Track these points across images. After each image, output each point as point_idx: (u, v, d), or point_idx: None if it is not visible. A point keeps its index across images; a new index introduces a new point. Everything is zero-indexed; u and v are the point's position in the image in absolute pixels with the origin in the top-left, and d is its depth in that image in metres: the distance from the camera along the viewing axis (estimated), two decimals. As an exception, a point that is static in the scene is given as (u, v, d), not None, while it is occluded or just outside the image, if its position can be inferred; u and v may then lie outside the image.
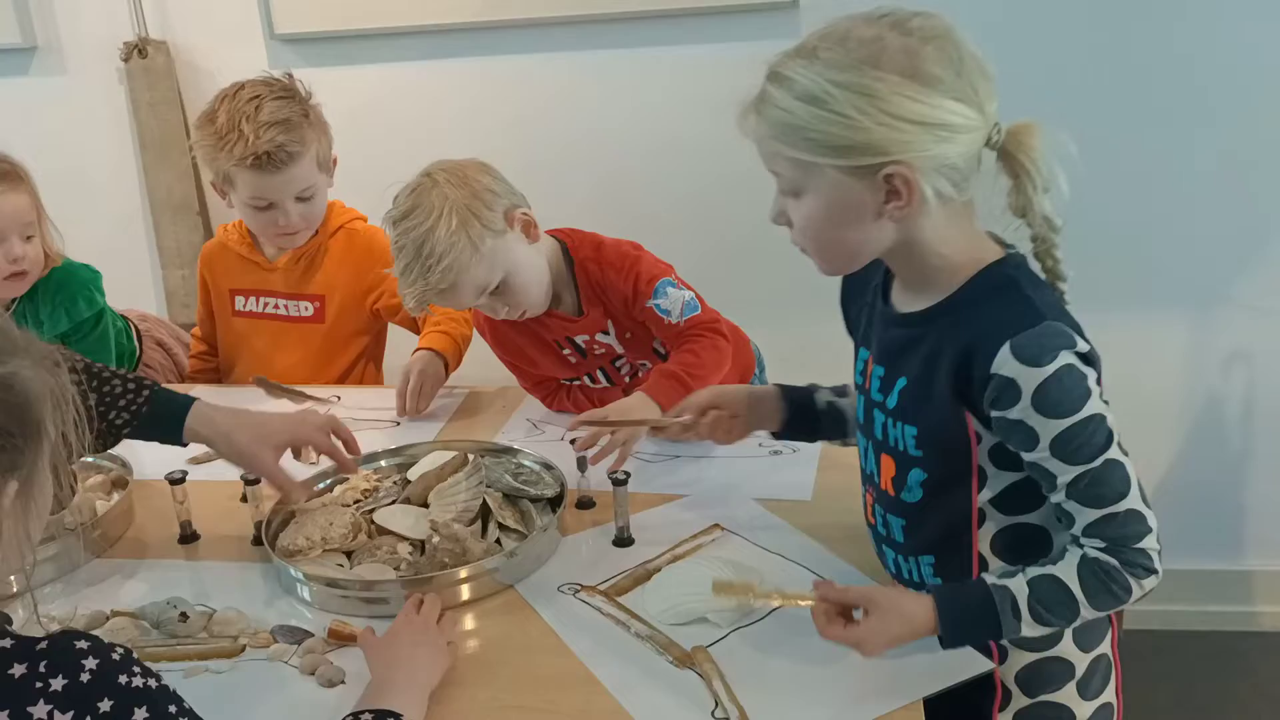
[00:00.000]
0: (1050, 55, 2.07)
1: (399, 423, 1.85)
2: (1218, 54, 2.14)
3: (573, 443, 1.51)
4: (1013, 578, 1.10)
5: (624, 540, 1.43)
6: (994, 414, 1.07)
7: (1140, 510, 1.07)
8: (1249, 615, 2.49)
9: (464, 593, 1.33)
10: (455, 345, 1.94)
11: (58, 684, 0.79)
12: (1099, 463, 1.06)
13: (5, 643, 0.82)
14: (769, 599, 1.22)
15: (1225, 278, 2.28)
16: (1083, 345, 1.05)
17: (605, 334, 1.75)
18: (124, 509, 1.56)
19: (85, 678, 0.80)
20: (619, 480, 1.41)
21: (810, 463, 1.60)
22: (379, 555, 1.41)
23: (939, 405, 1.11)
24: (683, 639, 1.23)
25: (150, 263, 2.66)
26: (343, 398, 1.96)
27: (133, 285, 2.58)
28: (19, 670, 0.80)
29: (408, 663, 1.11)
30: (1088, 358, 1.05)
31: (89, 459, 1.62)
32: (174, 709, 0.85)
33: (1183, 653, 2.40)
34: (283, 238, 2.03)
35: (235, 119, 1.89)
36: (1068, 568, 1.09)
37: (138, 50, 2.45)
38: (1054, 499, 1.09)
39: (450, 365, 1.91)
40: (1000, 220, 1.11)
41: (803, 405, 1.41)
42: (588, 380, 1.83)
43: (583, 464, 1.51)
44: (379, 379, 2.18)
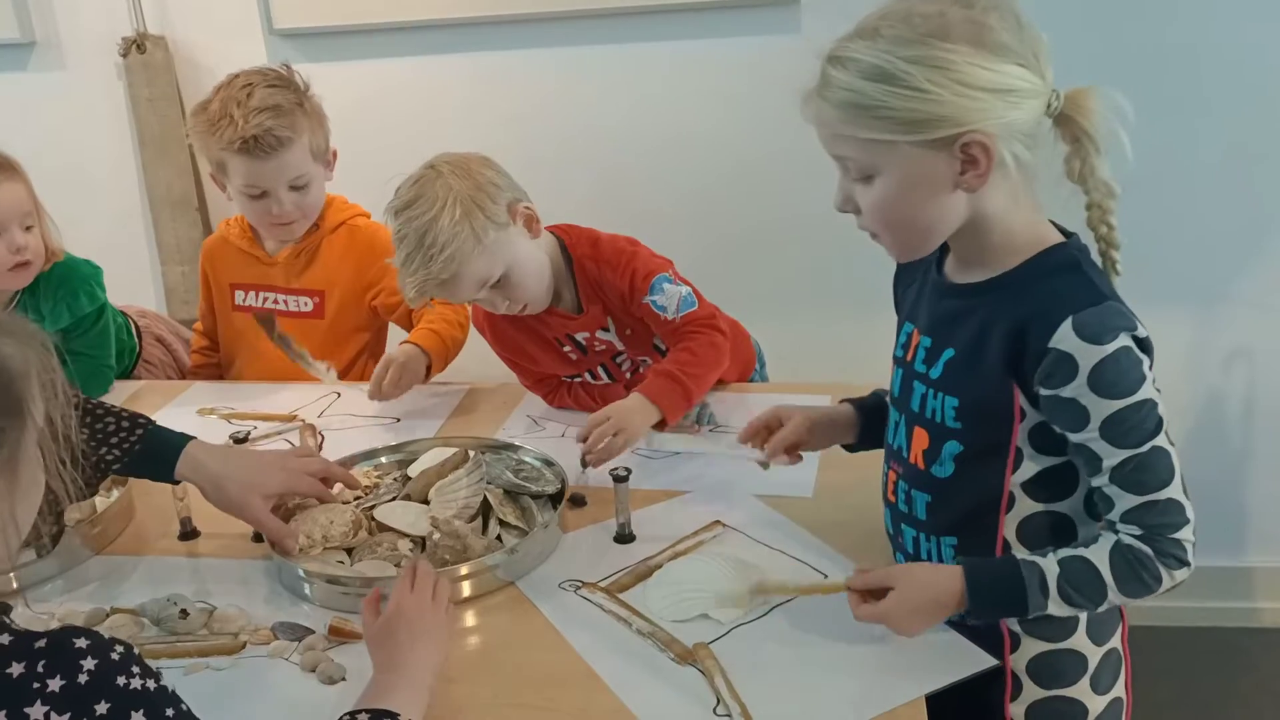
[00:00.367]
0: (1052, 51, 2.07)
1: (399, 419, 1.84)
2: (1220, 49, 2.14)
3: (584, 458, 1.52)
4: (1043, 556, 1.10)
5: (625, 537, 1.43)
6: (1045, 392, 1.07)
7: (1180, 500, 1.08)
8: (1250, 611, 2.49)
9: (465, 589, 1.33)
10: (443, 345, 1.92)
11: (55, 684, 0.79)
12: (1146, 448, 1.06)
13: (4, 639, 0.81)
14: (804, 593, 1.21)
15: (1226, 275, 2.28)
16: (1141, 330, 1.06)
17: (605, 331, 1.75)
18: (124, 505, 1.55)
19: (83, 679, 0.80)
20: (620, 477, 1.41)
21: (811, 460, 1.59)
22: (380, 552, 1.41)
23: (986, 377, 1.11)
24: (684, 636, 1.23)
25: (150, 259, 2.65)
26: (343, 394, 1.95)
27: (132, 281, 2.58)
28: (16, 669, 0.79)
29: (407, 660, 1.10)
30: (1144, 344, 1.06)
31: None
32: (171, 712, 0.84)
33: (1184, 649, 2.40)
34: (279, 228, 2.02)
35: (227, 105, 1.90)
36: (1100, 551, 1.09)
37: (136, 46, 2.45)
38: (1095, 482, 1.10)
39: (434, 365, 1.89)
40: (1054, 196, 1.11)
41: (879, 411, 1.36)
42: (589, 377, 1.82)
43: (584, 463, 1.51)
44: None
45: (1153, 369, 1.07)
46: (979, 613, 1.13)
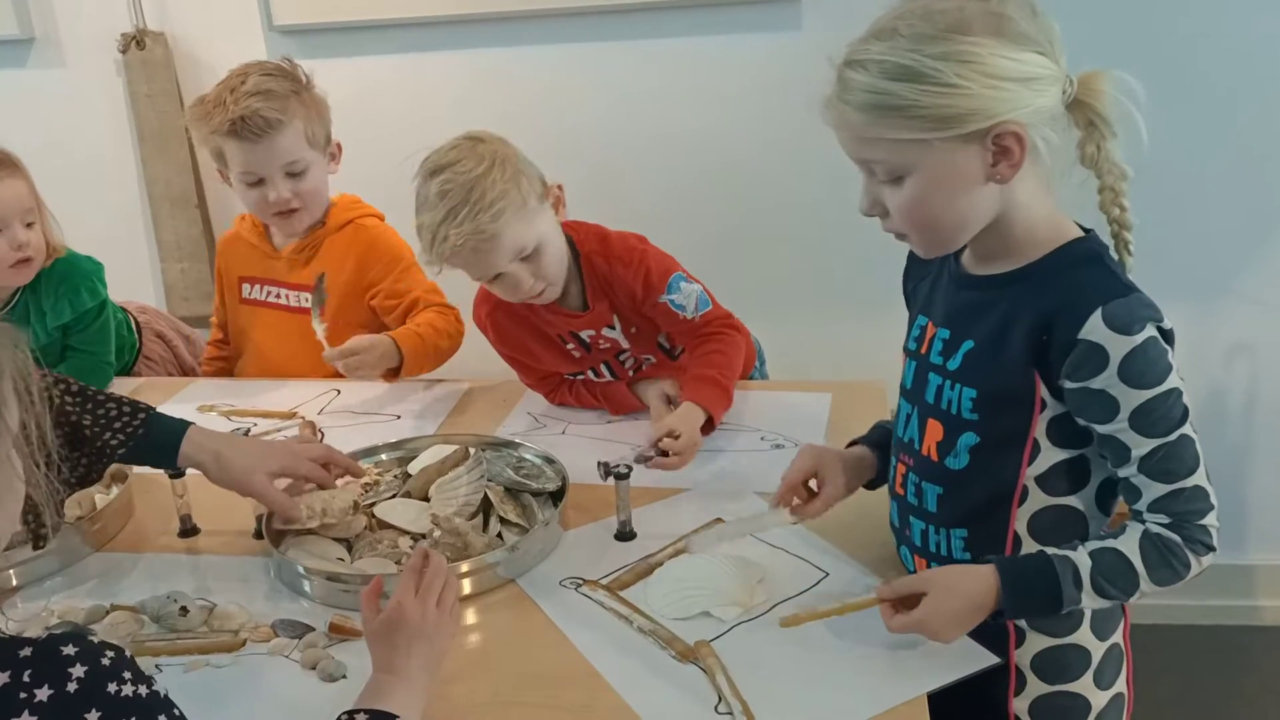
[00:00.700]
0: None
1: (399, 416, 1.84)
2: (1225, 44, 2.13)
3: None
4: (1073, 550, 1.10)
5: (626, 534, 1.43)
6: (1072, 384, 1.07)
7: (1205, 487, 1.09)
8: (1251, 609, 2.49)
9: (465, 587, 1.33)
10: (421, 348, 1.89)
11: (43, 694, 0.76)
12: (1174, 437, 1.07)
13: None
14: (835, 613, 1.19)
15: (1228, 271, 2.28)
16: (1166, 322, 1.07)
17: (611, 328, 1.74)
18: (124, 502, 1.55)
19: (72, 687, 0.77)
20: (621, 474, 1.41)
21: (812, 456, 1.60)
22: (380, 549, 1.41)
23: (1008, 369, 1.11)
24: (686, 633, 1.23)
25: (149, 256, 2.65)
26: (343, 391, 1.95)
27: (132, 278, 2.57)
28: (1, 679, 0.76)
29: (406, 662, 1.09)
30: (1169, 335, 1.07)
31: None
32: (164, 718, 0.82)
33: (1186, 647, 2.40)
34: (281, 219, 2.01)
35: (221, 92, 1.92)
36: (1130, 541, 1.09)
37: (136, 42, 2.44)
38: (1122, 473, 1.10)
39: (406, 363, 1.88)
40: (1061, 187, 1.11)
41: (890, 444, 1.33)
42: (591, 374, 1.82)
43: (643, 459, 1.52)
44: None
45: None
46: (1015, 610, 1.12)
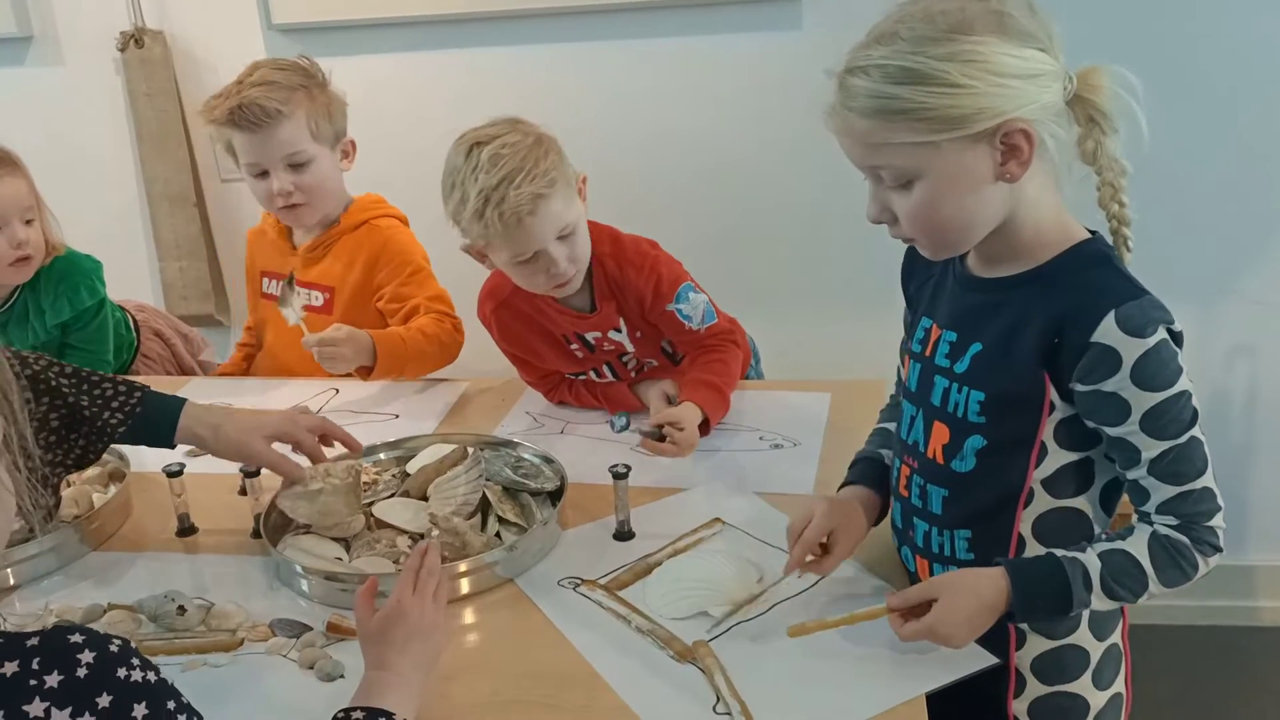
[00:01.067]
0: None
1: (397, 415, 1.84)
2: (1227, 45, 2.13)
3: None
4: (1082, 551, 1.10)
5: (624, 534, 1.42)
6: (1084, 387, 1.07)
7: (1213, 488, 1.09)
8: (1251, 610, 2.49)
9: (463, 586, 1.33)
10: (399, 349, 1.86)
11: (53, 680, 0.77)
12: (1184, 439, 1.07)
13: None
14: (845, 623, 1.18)
15: (1229, 272, 2.28)
16: (1176, 324, 1.07)
17: (617, 331, 1.74)
18: (121, 502, 1.55)
19: (82, 672, 0.78)
20: (620, 474, 1.41)
21: (811, 457, 1.59)
22: (378, 549, 1.41)
23: (1017, 372, 1.11)
24: (684, 633, 1.22)
25: (148, 254, 2.65)
26: (341, 390, 1.95)
27: (130, 277, 2.57)
28: (10, 668, 0.77)
29: (400, 660, 1.09)
30: (1178, 338, 1.07)
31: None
32: (173, 705, 0.83)
33: (1185, 647, 2.40)
34: (285, 213, 1.99)
35: (230, 85, 1.92)
36: (1138, 543, 1.09)
37: (134, 40, 2.44)
38: (1131, 475, 1.10)
39: (380, 363, 1.84)
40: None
41: (885, 478, 1.32)
42: (593, 375, 1.81)
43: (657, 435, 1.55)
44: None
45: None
46: (1025, 612, 1.12)
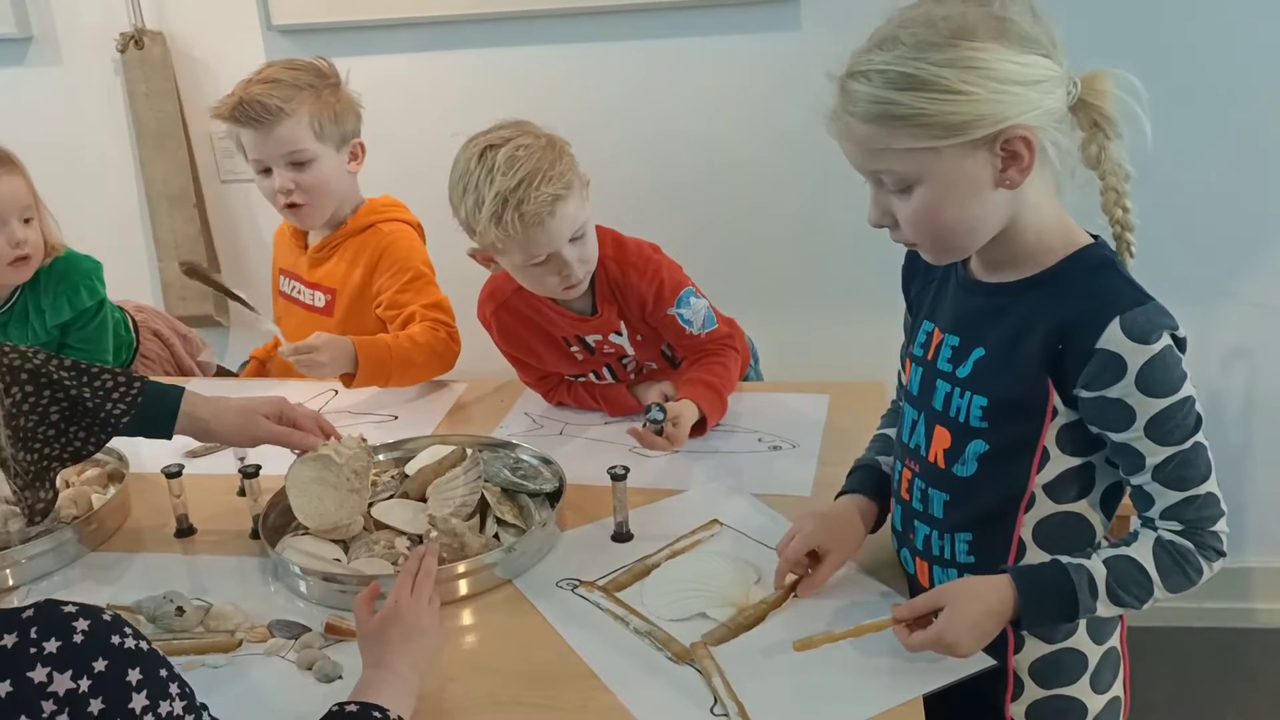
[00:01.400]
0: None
1: (396, 417, 1.84)
2: (1225, 49, 2.13)
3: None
4: (1087, 558, 1.10)
5: (623, 535, 1.43)
6: (1088, 393, 1.07)
7: (1216, 493, 1.09)
8: (1247, 612, 2.49)
9: (462, 588, 1.33)
10: (383, 356, 1.83)
11: (52, 646, 0.79)
12: (1188, 445, 1.07)
13: None
14: (851, 635, 1.18)
15: (1226, 274, 2.28)
16: (1180, 330, 1.07)
17: (618, 334, 1.74)
18: (120, 502, 1.55)
19: (79, 639, 0.80)
20: (618, 475, 1.41)
21: (810, 458, 1.60)
22: (376, 550, 1.41)
23: (1021, 377, 1.11)
24: (682, 635, 1.23)
25: (147, 255, 2.65)
26: (340, 391, 1.95)
27: (129, 278, 2.57)
28: (10, 640, 0.79)
29: (397, 660, 1.10)
30: (1182, 344, 1.07)
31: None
32: (165, 673, 0.85)
33: (1181, 649, 2.41)
34: (288, 211, 1.98)
35: (240, 82, 1.91)
36: (1143, 549, 1.09)
37: (134, 41, 2.44)
38: (1135, 481, 1.10)
39: (361, 371, 1.82)
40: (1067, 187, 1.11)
41: (883, 486, 1.32)
42: (593, 377, 1.82)
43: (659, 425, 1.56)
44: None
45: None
46: (1032, 619, 1.12)
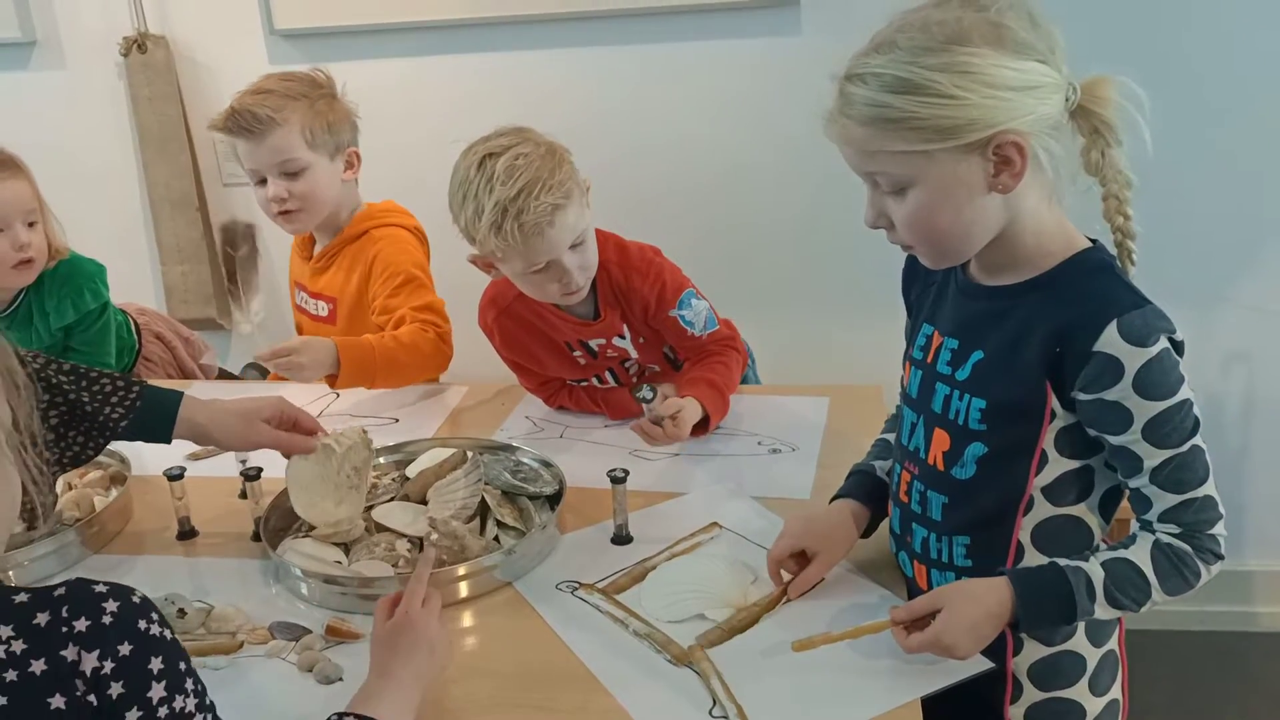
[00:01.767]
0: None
1: (397, 420, 1.85)
2: (1220, 54, 2.14)
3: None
4: (1085, 561, 1.10)
5: (622, 538, 1.43)
6: (1086, 396, 1.07)
7: (1214, 496, 1.09)
8: (1247, 615, 2.49)
9: (462, 590, 1.33)
10: (366, 357, 1.82)
11: (81, 625, 0.81)
12: (1186, 448, 1.07)
13: (22, 597, 0.82)
14: (849, 636, 1.18)
15: (1224, 278, 2.28)
16: (1177, 333, 1.07)
17: (621, 338, 1.74)
18: (122, 505, 1.56)
19: (107, 620, 0.81)
20: (618, 478, 1.41)
21: (809, 461, 1.60)
22: (377, 552, 1.41)
23: (1020, 380, 1.11)
24: (680, 637, 1.23)
25: (150, 258, 2.65)
26: (341, 394, 1.95)
27: (132, 281, 2.58)
28: (43, 618, 0.81)
29: (401, 670, 1.10)
30: (1180, 347, 1.08)
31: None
32: (184, 665, 0.86)
33: (1181, 652, 2.41)
34: (281, 219, 1.99)
35: (237, 93, 1.92)
36: (1141, 551, 1.10)
37: (137, 45, 2.45)
38: (1133, 483, 1.10)
39: (343, 371, 1.80)
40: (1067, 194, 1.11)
41: (877, 492, 1.32)
42: (595, 381, 1.82)
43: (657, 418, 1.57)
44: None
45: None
46: (1030, 622, 1.12)
